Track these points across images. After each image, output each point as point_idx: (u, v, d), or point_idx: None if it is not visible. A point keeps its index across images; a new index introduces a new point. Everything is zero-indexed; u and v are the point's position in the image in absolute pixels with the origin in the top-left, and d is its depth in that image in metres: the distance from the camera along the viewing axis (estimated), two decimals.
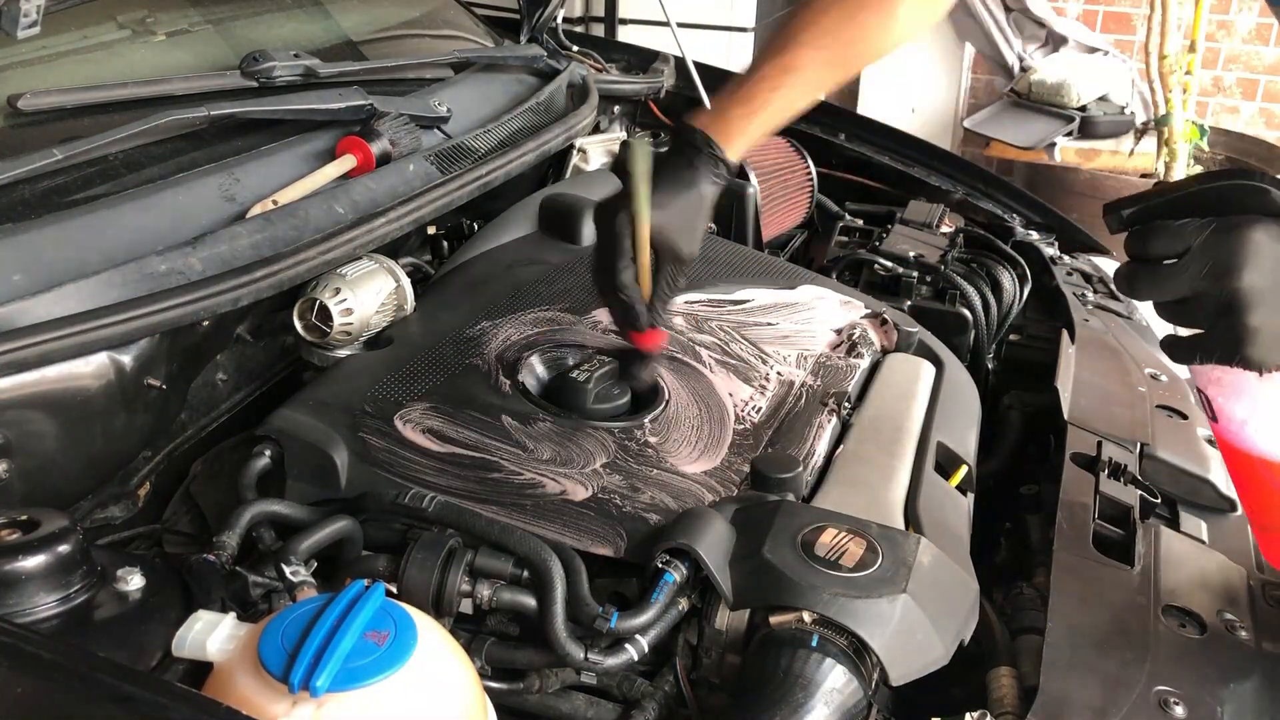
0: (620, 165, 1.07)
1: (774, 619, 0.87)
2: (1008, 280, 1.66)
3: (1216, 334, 0.78)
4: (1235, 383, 0.85)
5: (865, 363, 1.29)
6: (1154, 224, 0.80)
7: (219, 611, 0.77)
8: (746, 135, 1.10)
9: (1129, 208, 0.82)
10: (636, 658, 0.88)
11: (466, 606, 0.91)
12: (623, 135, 1.92)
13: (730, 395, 1.18)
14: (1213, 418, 0.89)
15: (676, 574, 0.89)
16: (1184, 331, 0.83)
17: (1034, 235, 1.84)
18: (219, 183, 1.19)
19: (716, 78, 2.14)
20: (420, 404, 1.11)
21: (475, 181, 1.39)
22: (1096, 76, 3.96)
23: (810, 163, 1.94)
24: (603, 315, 1.29)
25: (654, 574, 0.90)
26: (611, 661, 0.87)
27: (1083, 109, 3.91)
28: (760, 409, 1.17)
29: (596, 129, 1.88)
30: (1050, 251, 1.78)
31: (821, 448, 1.11)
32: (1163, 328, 0.88)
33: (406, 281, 1.28)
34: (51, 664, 0.68)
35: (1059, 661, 0.85)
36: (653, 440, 1.09)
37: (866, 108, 4.42)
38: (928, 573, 0.89)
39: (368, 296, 1.21)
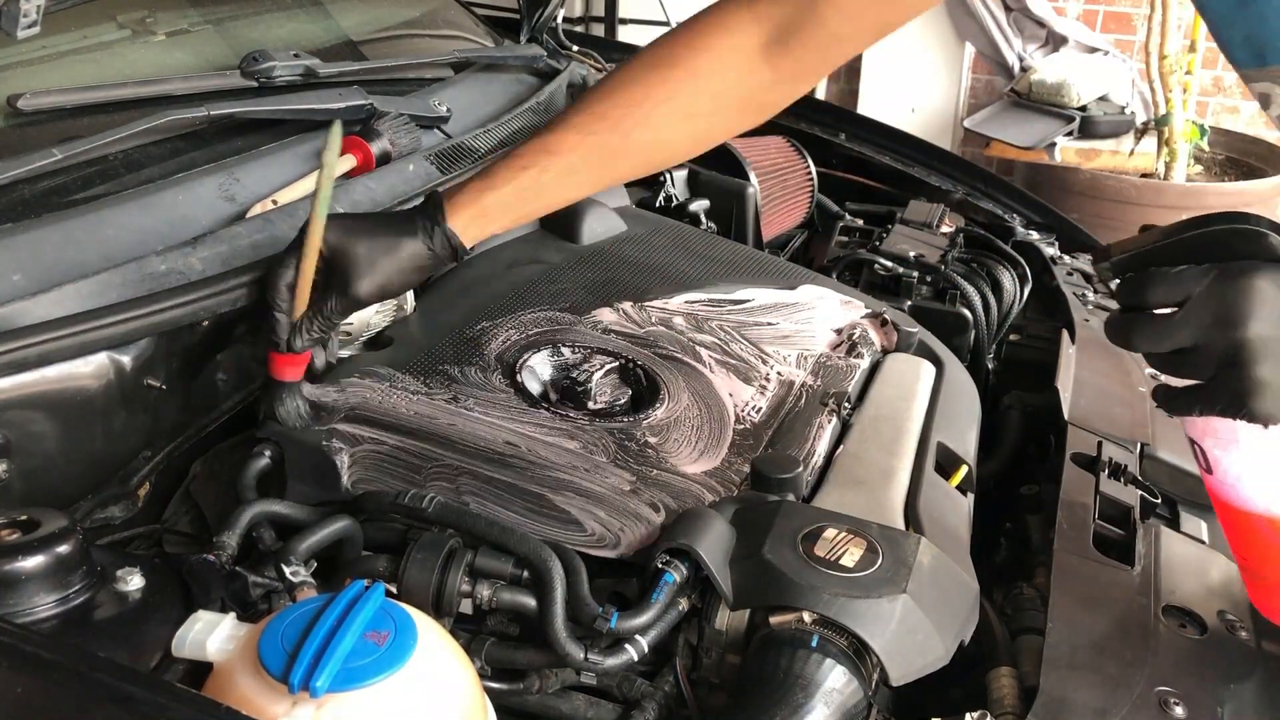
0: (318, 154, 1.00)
1: (774, 619, 0.87)
2: (1008, 280, 1.66)
3: (1219, 386, 0.75)
4: (1230, 434, 0.82)
5: (865, 363, 1.29)
6: (1149, 271, 0.76)
7: (219, 611, 0.78)
8: (480, 210, 1.01)
9: (1120, 254, 0.79)
10: (636, 658, 0.88)
11: (466, 607, 0.91)
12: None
13: (730, 395, 1.19)
14: (1207, 470, 0.87)
15: (676, 574, 0.89)
16: (1176, 381, 0.80)
17: (1034, 235, 1.84)
18: (219, 183, 1.19)
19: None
20: (420, 404, 1.11)
21: None
22: (1096, 76, 3.96)
23: (810, 163, 1.94)
24: (604, 315, 1.29)
25: (654, 574, 0.90)
26: (611, 662, 0.87)
27: (1083, 109, 3.90)
28: (760, 409, 1.17)
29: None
30: (1050, 251, 1.78)
31: (821, 448, 1.11)
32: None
33: None
34: (51, 664, 0.68)
35: (1059, 661, 0.85)
36: (653, 440, 1.09)
37: (866, 108, 4.42)
38: (928, 573, 0.89)
39: None
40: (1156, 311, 0.76)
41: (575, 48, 2.08)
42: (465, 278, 1.40)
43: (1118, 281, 0.79)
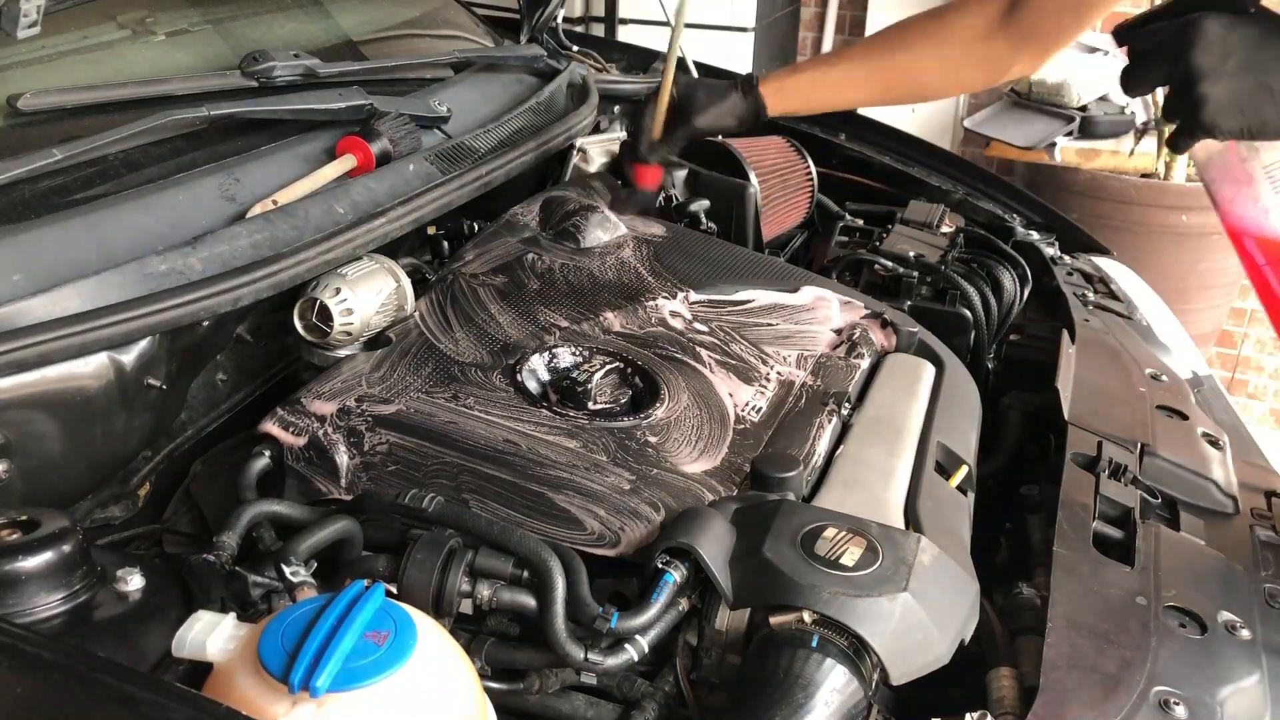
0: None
1: (774, 619, 0.87)
2: (1008, 280, 1.66)
3: (1179, 110, 0.93)
4: (1226, 170, 1.02)
5: (865, 363, 1.29)
6: (1140, 29, 0.98)
7: (219, 611, 0.77)
8: (780, 87, 1.41)
9: (1130, 24, 1.00)
10: (636, 658, 0.88)
11: (466, 606, 0.91)
12: (622, 135, 1.92)
13: (730, 395, 1.18)
14: (1215, 206, 1.06)
15: (676, 574, 0.89)
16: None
17: (1034, 235, 1.84)
18: (219, 183, 1.19)
19: (717, 78, 2.14)
20: (420, 404, 1.11)
21: (475, 181, 1.39)
22: (1096, 76, 3.95)
23: (810, 163, 1.94)
24: (604, 316, 1.29)
25: (654, 574, 0.90)
26: (611, 662, 0.87)
27: (1083, 109, 3.90)
28: (760, 409, 1.17)
29: (596, 129, 1.88)
30: (1050, 251, 1.78)
31: (821, 448, 1.11)
32: (1164, 330, 0.91)
33: (406, 281, 1.28)
34: (51, 664, 0.68)
35: (1059, 661, 0.85)
36: (653, 440, 1.09)
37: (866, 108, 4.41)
38: (928, 572, 0.89)
39: (368, 296, 1.21)
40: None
41: (575, 48, 2.08)
42: (466, 278, 1.40)
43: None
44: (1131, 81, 1.00)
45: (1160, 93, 1.00)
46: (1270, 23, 0.92)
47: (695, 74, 2.07)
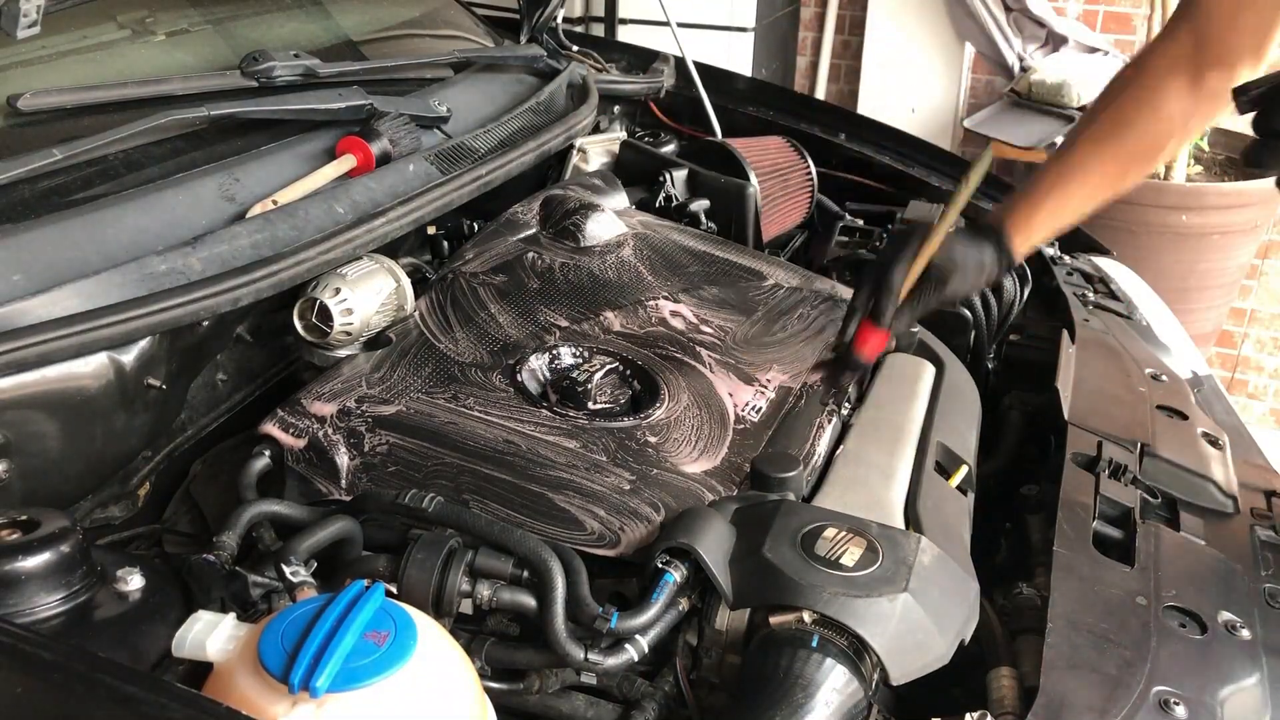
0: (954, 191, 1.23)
1: (774, 619, 0.87)
2: (1008, 280, 1.66)
3: None
4: None
5: None
6: (1272, 98, 0.87)
7: (219, 611, 0.77)
8: (1029, 231, 1.22)
9: (1259, 87, 0.89)
10: (636, 658, 0.88)
11: (466, 606, 0.91)
12: (623, 135, 1.92)
13: (730, 395, 1.18)
14: None
15: (676, 574, 0.89)
16: None
17: None
18: (219, 183, 1.19)
19: (717, 78, 2.14)
20: (420, 404, 1.11)
21: (475, 181, 1.39)
22: (1096, 76, 3.95)
23: (810, 163, 1.94)
24: (604, 316, 1.29)
25: (654, 574, 0.90)
26: (611, 662, 0.87)
27: (1083, 109, 3.90)
28: (760, 409, 1.17)
29: (596, 129, 1.88)
30: (1050, 251, 1.78)
31: (821, 448, 1.11)
32: (1164, 330, 0.88)
33: (406, 281, 1.28)
34: (51, 664, 0.68)
35: (1059, 661, 0.85)
36: (652, 440, 1.09)
37: (866, 108, 4.41)
38: (928, 572, 0.89)
39: (368, 296, 1.21)
40: None
41: (575, 48, 2.07)
42: (466, 278, 1.40)
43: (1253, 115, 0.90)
44: (1266, 159, 0.92)
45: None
46: None
47: (696, 76, 2.07)
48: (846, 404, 1.20)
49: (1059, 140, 3.83)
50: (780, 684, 0.83)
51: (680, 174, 1.77)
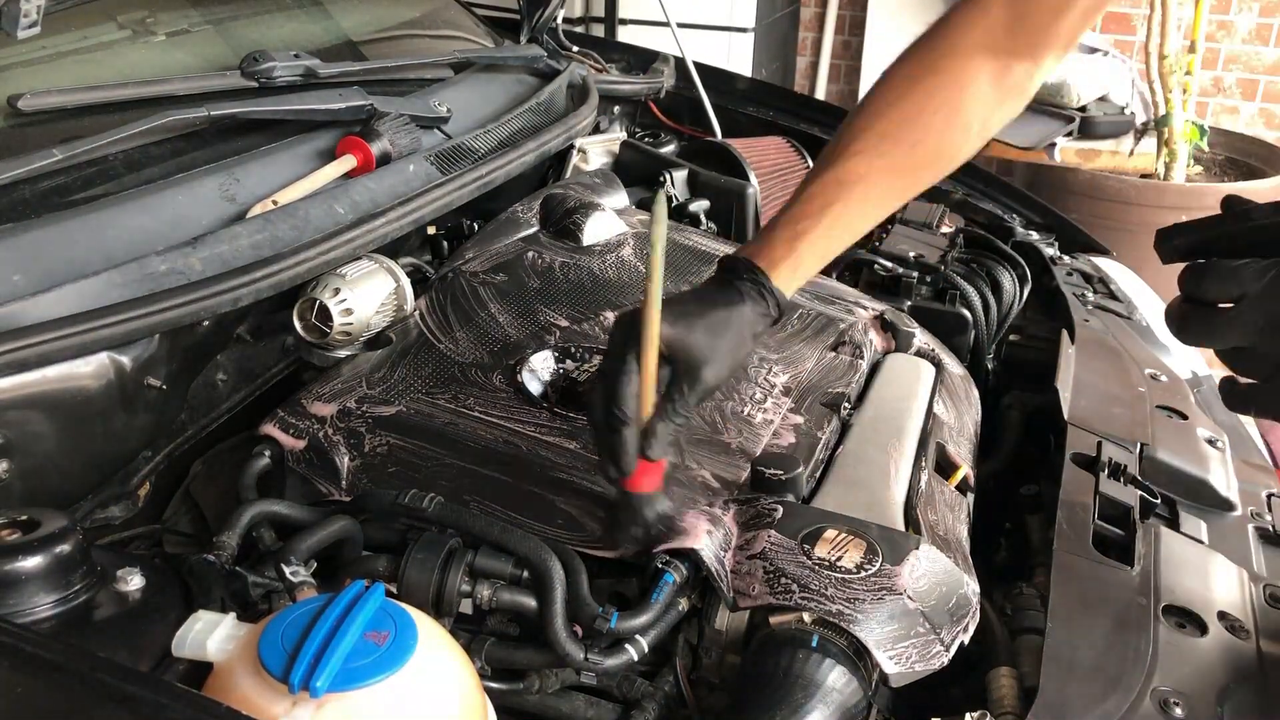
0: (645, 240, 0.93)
1: (774, 619, 0.87)
2: (1008, 280, 1.66)
3: (1275, 389, 0.71)
4: None
5: (865, 363, 1.29)
6: (1209, 263, 0.72)
7: (219, 611, 0.77)
8: (795, 260, 0.98)
9: (1182, 237, 0.74)
10: (636, 658, 0.88)
11: (466, 606, 0.91)
12: (623, 135, 1.92)
13: (731, 395, 1.18)
14: (1274, 464, 0.86)
15: (676, 574, 0.89)
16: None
17: (1034, 235, 1.84)
18: (219, 183, 1.19)
19: (716, 78, 2.14)
20: (420, 405, 1.11)
21: (475, 182, 1.39)
22: (1096, 76, 3.95)
23: (810, 163, 1.94)
24: (604, 316, 1.29)
25: (654, 574, 0.90)
26: (611, 662, 0.87)
27: (1083, 109, 3.90)
28: (760, 409, 1.17)
29: (596, 129, 1.88)
30: (1050, 251, 1.78)
31: (821, 449, 1.11)
32: (1164, 330, 0.84)
33: (406, 281, 1.28)
34: (51, 664, 0.68)
35: (1059, 661, 0.85)
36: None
37: None
38: (928, 573, 0.89)
39: (368, 296, 1.21)
40: (1220, 305, 0.72)
41: (575, 48, 2.08)
42: (466, 278, 1.40)
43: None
44: (1189, 330, 0.74)
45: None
46: None
47: (696, 76, 2.07)
48: (846, 404, 1.20)
49: (1059, 141, 3.83)
50: (780, 684, 0.83)
51: (680, 174, 1.77)
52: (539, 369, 1.20)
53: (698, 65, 2.10)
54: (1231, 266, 0.70)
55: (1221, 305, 0.72)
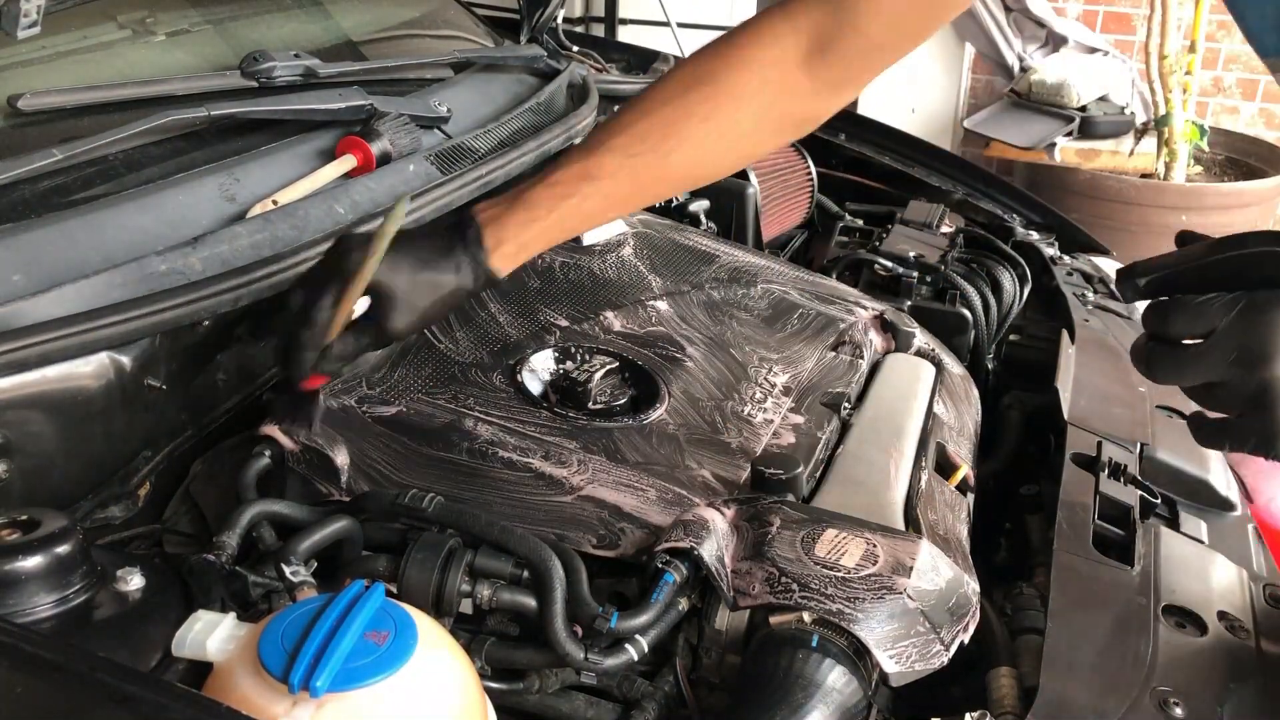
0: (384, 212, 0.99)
1: (774, 619, 0.87)
2: (1008, 280, 1.67)
3: (1246, 424, 0.70)
4: (1270, 464, 0.76)
5: (865, 363, 1.29)
6: (1174, 299, 0.71)
7: (219, 611, 0.78)
8: (521, 243, 1.00)
9: (1145, 275, 0.73)
10: (636, 658, 0.88)
11: (466, 606, 0.91)
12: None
13: (730, 395, 1.18)
14: (1248, 497, 0.85)
15: (676, 574, 0.89)
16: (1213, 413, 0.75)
17: (1034, 235, 1.84)
18: (219, 183, 1.19)
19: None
20: (420, 404, 1.11)
21: (475, 181, 1.39)
22: (1096, 76, 3.96)
23: (810, 163, 1.94)
24: (604, 315, 1.29)
25: (654, 574, 0.90)
26: (611, 661, 0.87)
27: (1083, 109, 3.91)
28: (760, 409, 1.17)
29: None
30: (1050, 251, 1.79)
31: (821, 448, 1.11)
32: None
33: None
34: (51, 664, 0.68)
35: (1059, 661, 0.85)
36: (653, 440, 1.09)
37: (866, 108, 4.42)
38: (927, 573, 0.89)
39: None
40: (1185, 341, 0.71)
41: (575, 48, 2.08)
42: None
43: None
44: (1157, 368, 0.73)
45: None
46: None
47: None
48: (846, 404, 1.20)
49: (1059, 141, 3.83)
50: (780, 684, 0.83)
51: None
52: (539, 369, 1.20)
53: None
54: (1197, 302, 0.69)
55: (1188, 341, 0.71)
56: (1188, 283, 0.71)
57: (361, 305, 0.98)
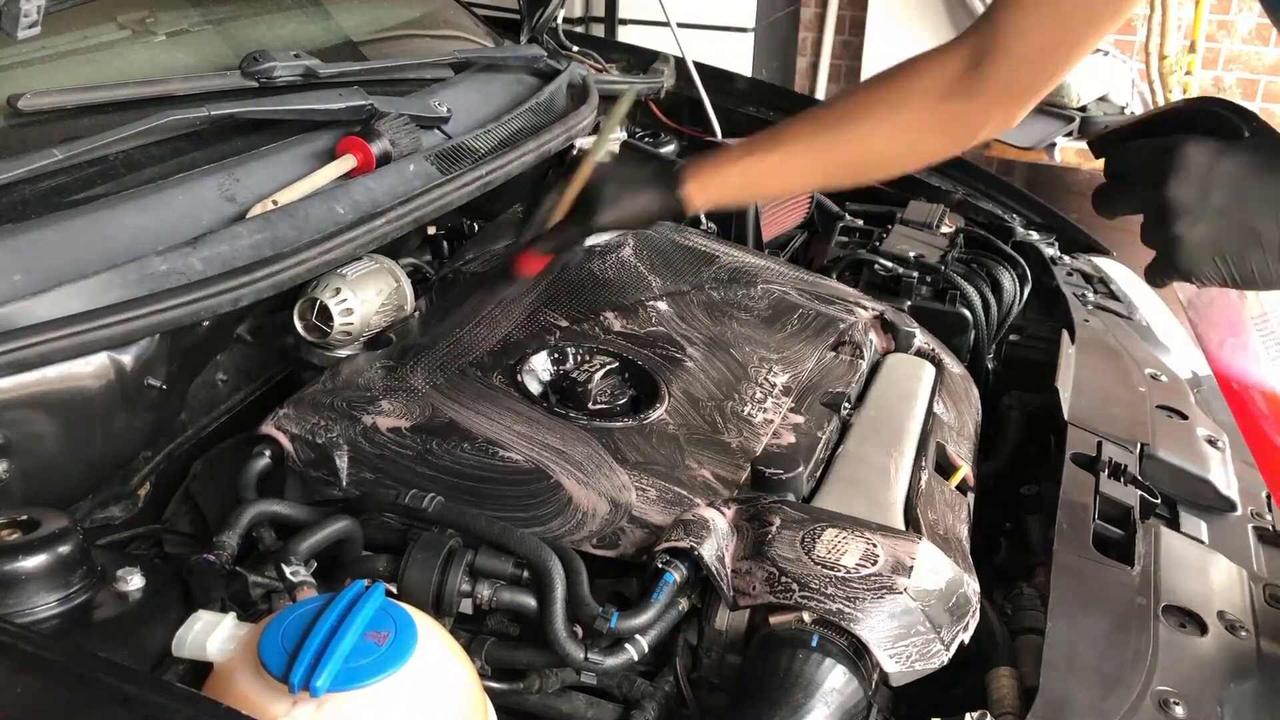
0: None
1: (774, 619, 0.87)
2: (1008, 280, 1.66)
3: (1156, 246, 0.80)
4: (1213, 314, 0.89)
5: (865, 363, 1.29)
6: (1118, 145, 0.84)
7: (219, 611, 0.78)
8: (711, 188, 1.16)
9: (1115, 131, 0.86)
10: (636, 658, 0.88)
11: (466, 606, 0.91)
12: (623, 135, 1.92)
13: (730, 395, 1.18)
14: (1201, 348, 0.95)
15: (676, 574, 0.89)
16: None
17: (1034, 235, 1.84)
18: (219, 183, 1.19)
19: (716, 78, 2.14)
20: (420, 404, 1.11)
21: (475, 181, 1.39)
22: (1096, 76, 3.96)
23: None
24: (605, 316, 1.29)
25: (654, 574, 0.90)
26: (611, 661, 0.87)
27: (1083, 109, 3.91)
28: (760, 409, 1.17)
29: (596, 129, 1.88)
30: (1050, 251, 1.78)
31: (821, 448, 1.11)
32: (1164, 329, 0.87)
33: (406, 281, 1.28)
34: (52, 664, 0.68)
35: (1059, 661, 0.85)
36: (653, 440, 1.09)
37: None
38: (927, 573, 0.89)
39: (368, 296, 1.22)
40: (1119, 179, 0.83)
41: (575, 48, 2.08)
42: (466, 278, 1.40)
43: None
44: (1102, 203, 0.85)
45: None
46: (1265, 151, 0.77)
47: (696, 76, 2.07)
48: (846, 404, 1.20)
49: (1059, 141, 3.83)
50: (780, 684, 0.83)
51: None
52: (539, 369, 1.20)
53: (698, 65, 2.10)
54: (1129, 145, 0.82)
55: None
56: (1129, 134, 0.85)
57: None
